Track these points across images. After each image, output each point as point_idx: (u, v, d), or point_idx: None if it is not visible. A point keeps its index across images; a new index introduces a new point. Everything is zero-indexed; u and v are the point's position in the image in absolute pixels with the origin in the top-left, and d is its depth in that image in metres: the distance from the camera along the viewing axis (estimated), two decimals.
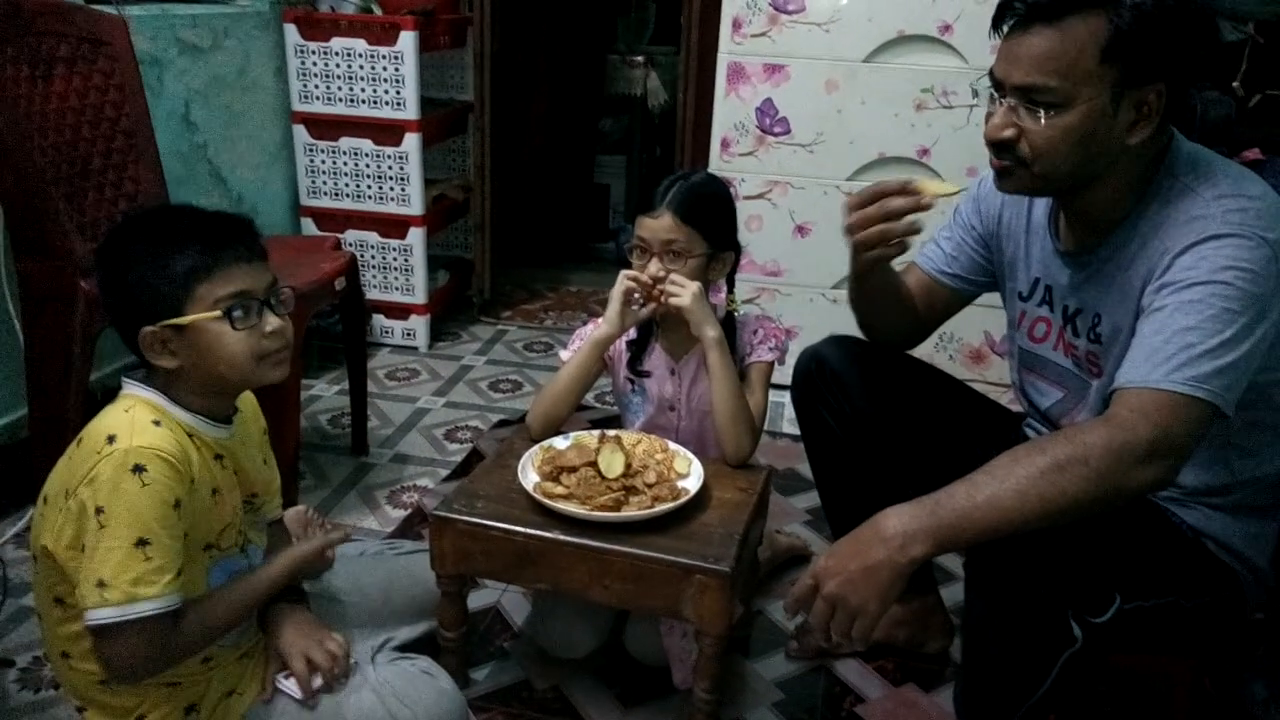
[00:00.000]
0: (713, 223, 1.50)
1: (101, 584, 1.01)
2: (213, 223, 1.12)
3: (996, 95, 1.14)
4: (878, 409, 1.45)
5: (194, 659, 1.15)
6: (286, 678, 1.19)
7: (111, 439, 1.04)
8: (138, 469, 1.02)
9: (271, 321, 1.14)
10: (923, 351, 2.46)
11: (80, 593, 1.03)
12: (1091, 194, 1.17)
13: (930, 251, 1.47)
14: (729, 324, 1.59)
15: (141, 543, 1.01)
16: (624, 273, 1.50)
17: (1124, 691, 1.42)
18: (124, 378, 1.14)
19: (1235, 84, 2.52)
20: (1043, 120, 1.09)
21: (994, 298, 1.48)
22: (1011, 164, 1.15)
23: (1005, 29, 1.12)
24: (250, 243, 1.14)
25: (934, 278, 1.46)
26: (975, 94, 1.20)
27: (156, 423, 1.07)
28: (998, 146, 1.15)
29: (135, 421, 1.06)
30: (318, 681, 1.17)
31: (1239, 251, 1.04)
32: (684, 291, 1.44)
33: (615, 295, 1.49)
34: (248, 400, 1.27)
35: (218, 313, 1.09)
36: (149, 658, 1.06)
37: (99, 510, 1.01)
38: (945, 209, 1.44)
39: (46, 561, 1.09)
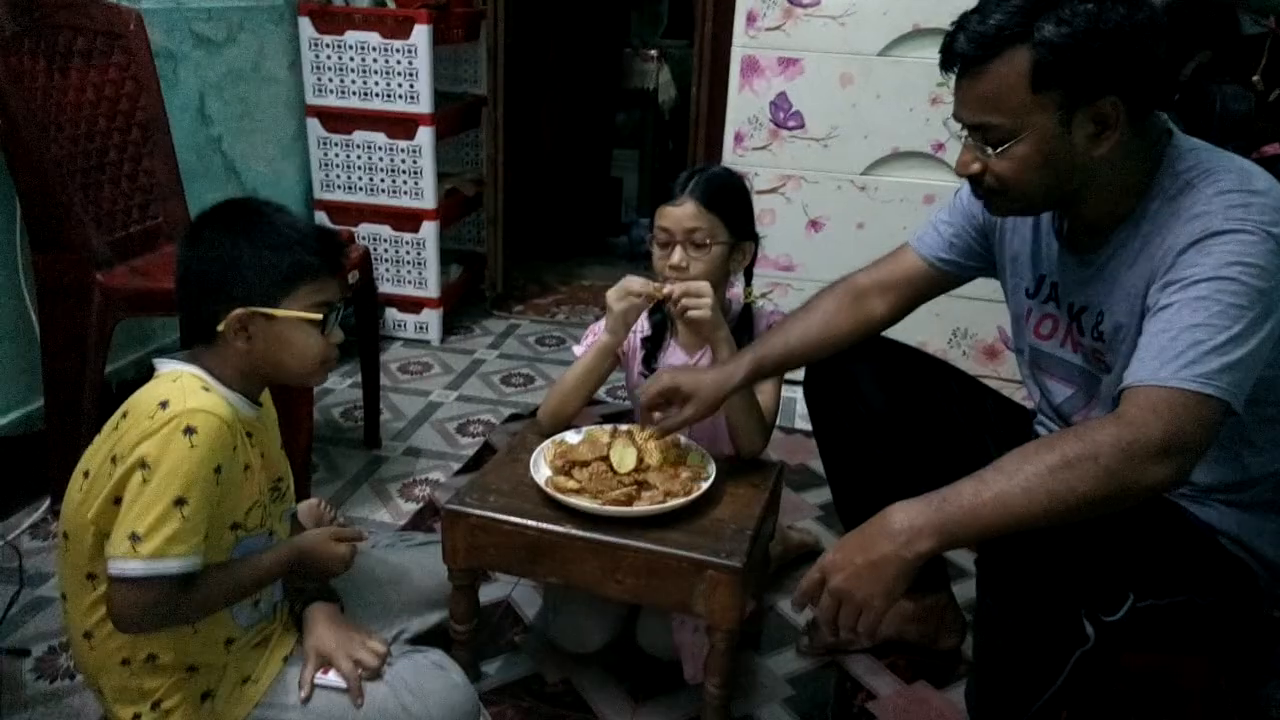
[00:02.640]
0: (734, 211, 1.51)
1: (135, 536, 1.04)
2: (320, 231, 1.21)
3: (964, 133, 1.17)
4: (890, 405, 1.45)
5: (217, 640, 1.17)
6: (325, 673, 1.21)
7: (164, 404, 1.07)
8: (189, 430, 1.05)
9: (338, 334, 1.21)
10: (936, 347, 2.46)
11: (111, 540, 1.05)
12: (1087, 201, 1.18)
13: (927, 236, 1.46)
14: (746, 316, 1.59)
15: (179, 502, 1.05)
16: (627, 289, 1.46)
17: (1138, 691, 1.41)
18: (157, 360, 1.17)
19: (1255, 78, 2.49)
20: (998, 154, 1.12)
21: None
22: (989, 194, 1.18)
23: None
24: (343, 259, 1.23)
25: (929, 261, 1.44)
26: (948, 129, 1.23)
27: (205, 389, 1.11)
28: (970, 180, 1.19)
29: (185, 388, 1.10)
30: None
31: (1243, 247, 1.03)
32: (703, 303, 1.42)
33: (615, 308, 1.47)
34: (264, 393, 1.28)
35: (319, 315, 1.16)
36: (157, 614, 1.08)
37: (144, 465, 1.04)
38: (941, 197, 1.44)
39: (84, 537, 1.11)
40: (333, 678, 1.20)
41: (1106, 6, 1.04)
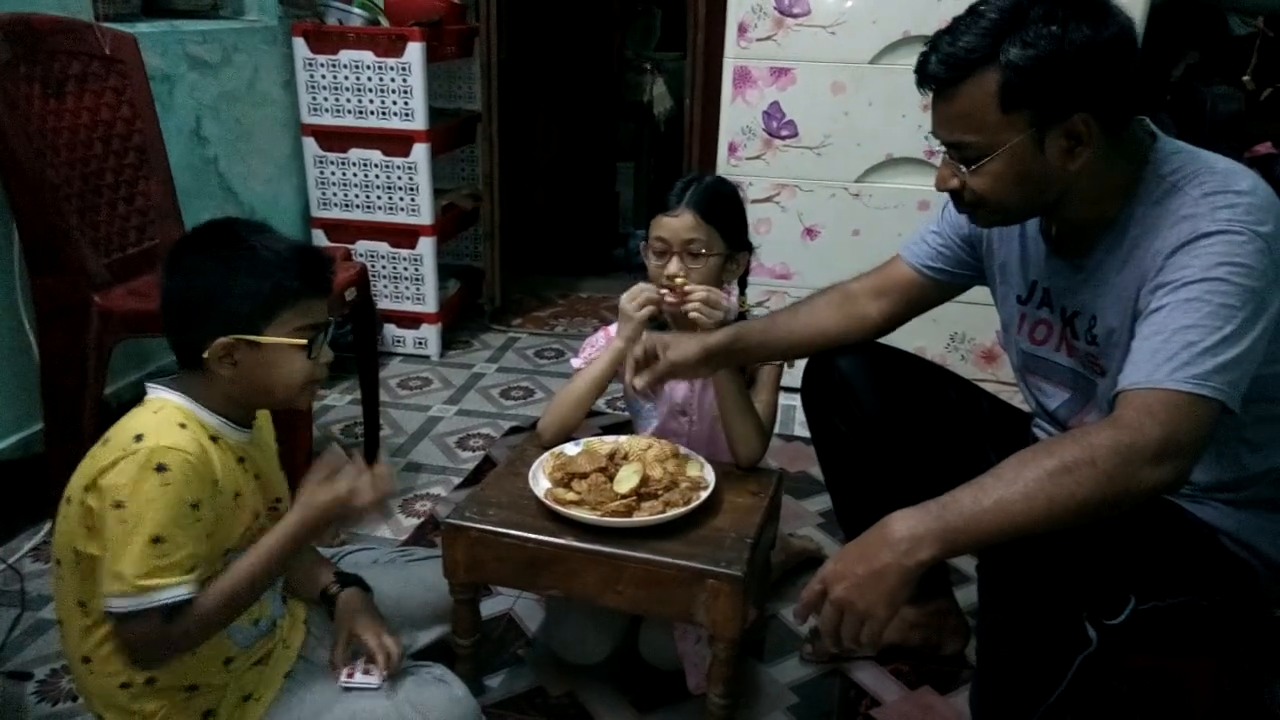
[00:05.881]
0: (730, 222, 1.52)
1: (118, 575, 1.04)
2: (302, 252, 1.18)
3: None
4: (887, 412, 1.45)
5: (215, 660, 1.16)
6: (366, 672, 1.22)
7: (139, 438, 1.07)
8: (160, 468, 1.05)
9: (327, 353, 1.20)
10: (934, 352, 2.46)
11: (102, 579, 1.06)
12: (1069, 209, 1.18)
13: (916, 246, 1.47)
14: None
15: (157, 540, 1.04)
16: (644, 296, 1.48)
17: (1142, 693, 1.40)
18: (149, 383, 1.16)
19: (1245, 78, 2.51)
20: (973, 171, 1.14)
21: None
22: (970, 208, 1.20)
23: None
24: (329, 278, 1.20)
25: (919, 270, 1.45)
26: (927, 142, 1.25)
27: (182, 425, 1.10)
28: (951, 195, 1.20)
29: (162, 422, 1.09)
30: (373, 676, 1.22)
31: (1231, 247, 1.04)
32: (713, 314, 1.44)
33: (633, 316, 1.48)
34: (262, 410, 1.28)
35: (302, 341, 1.15)
36: (163, 643, 1.08)
37: (118, 504, 1.04)
38: (935, 203, 1.44)
39: (72, 565, 1.11)
40: (359, 679, 1.21)
41: (1071, 27, 1.04)
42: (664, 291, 1.48)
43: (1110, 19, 1.06)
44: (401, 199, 2.86)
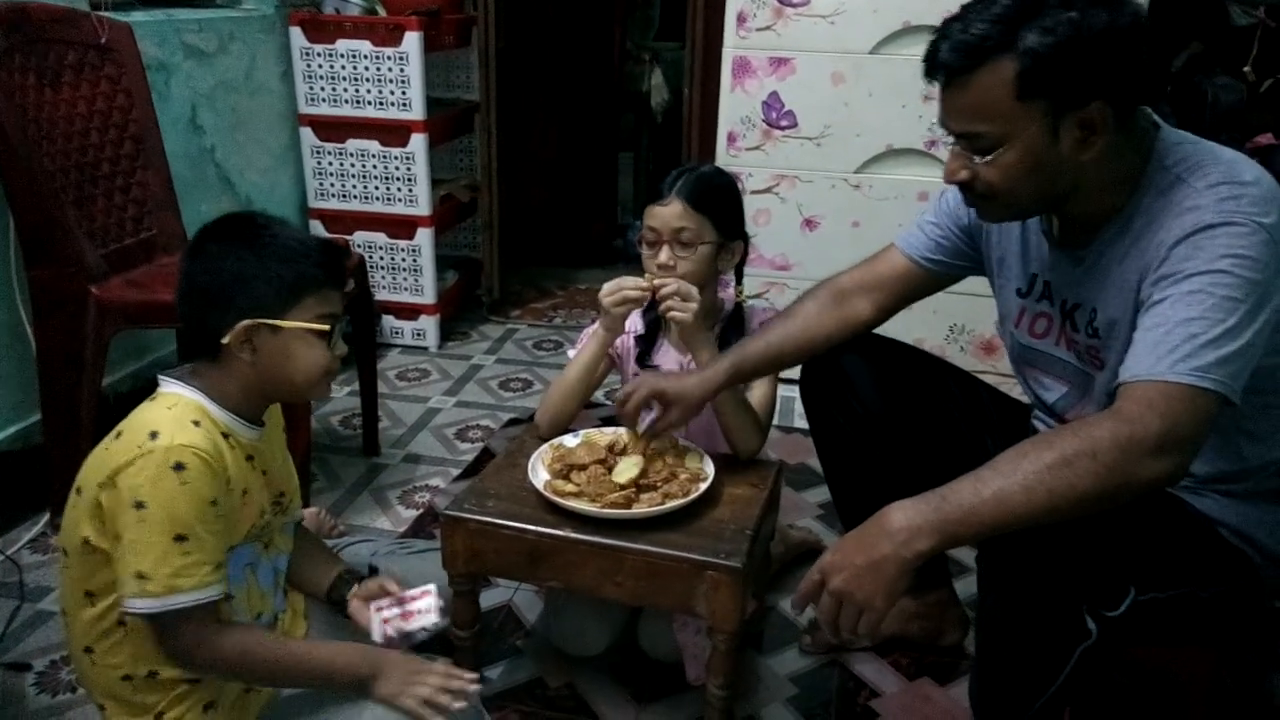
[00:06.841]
0: (722, 211, 1.51)
1: (141, 576, 1.04)
2: (323, 244, 1.21)
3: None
4: (886, 404, 1.45)
5: None
6: (404, 617, 1.25)
7: (154, 435, 1.06)
8: (178, 467, 1.04)
9: (342, 346, 1.21)
10: (933, 344, 2.46)
11: (120, 580, 1.06)
12: (1075, 202, 1.17)
13: (913, 236, 1.45)
14: (738, 315, 1.59)
15: (180, 538, 1.04)
16: (621, 294, 1.46)
17: (1142, 685, 1.40)
18: (161, 376, 1.16)
19: (1246, 69, 2.50)
20: (986, 161, 1.12)
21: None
22: (979, 200, 1.18)
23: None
24: (345, 270, 1.23)
25: (916, 261, 1.44)
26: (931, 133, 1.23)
27: (196, 423, 1.10)
28: (960, 187, 1.18)
29: (177, 419, 1.09)
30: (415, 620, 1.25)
31: (1235, 239, 1.03)
32: (688, 307, 1.42)
33: (610, 310, 1.47)
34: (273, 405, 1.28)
35: (325, 326, 1.16)
36: (193, 647, 1.09)
37: (139, 504, 1.04)
38: (935, 194, 1.44)
39: (79, 555, 1.10)
40: (415, 622, 1.24)
41: (1089, 13, 1.03)
42: (649, 282, 1.46)
43: (1125, 4, 1.05)
44: (399, 189, 2.85)
